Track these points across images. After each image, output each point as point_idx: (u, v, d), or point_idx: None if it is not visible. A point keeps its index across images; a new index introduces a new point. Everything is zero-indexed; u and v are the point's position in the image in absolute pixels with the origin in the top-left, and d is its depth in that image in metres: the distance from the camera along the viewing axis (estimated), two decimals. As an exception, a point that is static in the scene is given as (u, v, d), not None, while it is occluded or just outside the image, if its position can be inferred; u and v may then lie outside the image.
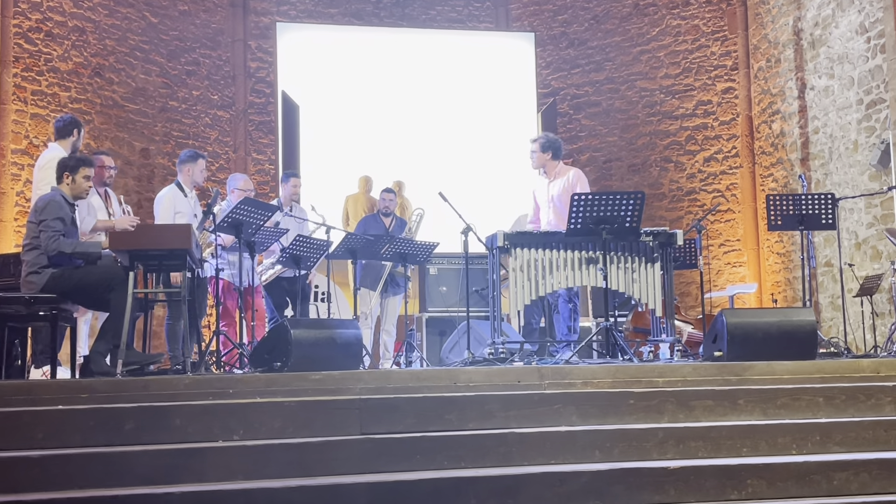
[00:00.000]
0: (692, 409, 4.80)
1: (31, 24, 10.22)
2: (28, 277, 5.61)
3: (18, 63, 10.05)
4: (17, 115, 9.97)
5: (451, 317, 8.95)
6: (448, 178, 11.24)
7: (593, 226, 6.31)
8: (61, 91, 10.46)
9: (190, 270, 5.87)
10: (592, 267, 6.54)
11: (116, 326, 5.44)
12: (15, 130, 9.93)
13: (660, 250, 6.67)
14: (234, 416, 4.44)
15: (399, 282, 8.54)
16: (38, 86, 10.25)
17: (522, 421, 4.65)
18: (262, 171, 12.57)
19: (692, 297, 11.60)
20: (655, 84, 12.50)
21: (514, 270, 6.57)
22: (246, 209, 6.46)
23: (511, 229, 7.01)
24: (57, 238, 5.55)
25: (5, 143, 9.77)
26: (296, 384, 4.97)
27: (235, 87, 12.56)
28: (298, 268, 7.38)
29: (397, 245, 7.74)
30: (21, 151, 9.92)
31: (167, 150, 11.64)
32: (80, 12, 10.78)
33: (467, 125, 12.29)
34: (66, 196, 5.79)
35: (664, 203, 12.30)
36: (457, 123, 12.30)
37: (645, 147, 12.54)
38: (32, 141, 10.04)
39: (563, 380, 5.20)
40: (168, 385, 4.90)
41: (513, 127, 12.34)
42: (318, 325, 6.10)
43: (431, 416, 4.59)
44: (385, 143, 11.97)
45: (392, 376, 5.24)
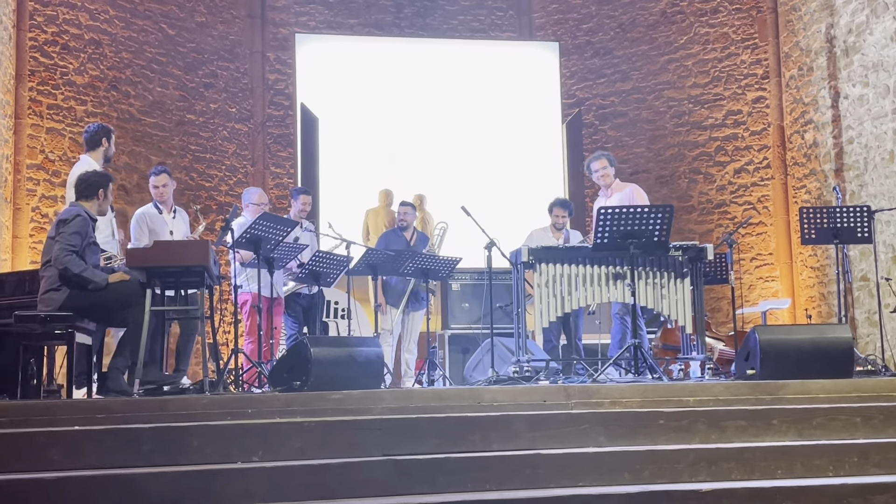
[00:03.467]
0: (724, 430, 4.77)
1: (47, 38, 10.33)
2: (47, 294, 5.66)
3: (34, 77, 10.16)
4: (33, 130, 10.07)
5: (474, 334, 8.96)
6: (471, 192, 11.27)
7: (620, 240, 6.30)
8: (77, 105, 10.57)
9: (208, 288, 5.90)
10: (620, 282, 6.53)
11: (133, 344, 5.47)
12: (30, 145, 10.02)
13: (689, 265, 6.65)
14: (252, 436, 4.45)
15: (421, 297, 8.55)
16: (54, 100, 10.36)
17: (549, 442, 4.63)
18: (281, 184, 12.62)
19: (723, 313, 11.53)
20: (683, 94, 12.46)
21: (539, 286, 6.56)
22: (265, 224, 6.49)
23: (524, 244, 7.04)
24: (69, 254, 5.59)
25: (21, 158, 9.87)
26: (316, 404, 4.99)
27: (253, 100, 12.64)
28: (318, 284, 7.40)
29: (419, 260, 7.76)
30: (36, 166, 10.02)
31: (184, 164, 11.72)
32: (97, 25, 10.90)
33: (490, 137, 12.30)
34: (91, 213, 5.85)
35: (693, 216, 12.24)
36: (479, 135, 12.31)
37: (673, 158, 12.49)
38: (48, 156, 10.14)
39: (591, 399, 5.19)
40: (185, 405, 4.93)
41: (537, 139, 12.35)
42: (338, 342, 6.11)
43: (455, 437, 4.59)
44: (406, 156, 12.01)
45: (414, 396, 5.24)
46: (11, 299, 6.40)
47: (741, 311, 10.37)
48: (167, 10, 11.75)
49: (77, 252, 5.64)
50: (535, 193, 11.87)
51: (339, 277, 7.75)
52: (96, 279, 5.64)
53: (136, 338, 5.47)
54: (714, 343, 8.46)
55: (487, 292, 7.24)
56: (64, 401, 5.35)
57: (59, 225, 5.71)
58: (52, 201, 10.03)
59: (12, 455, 4.24)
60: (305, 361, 5.59)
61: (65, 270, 5.58)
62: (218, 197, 12.06)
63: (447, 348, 9.24)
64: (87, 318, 5.70)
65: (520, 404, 5.13)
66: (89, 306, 5.63)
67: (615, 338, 7.29)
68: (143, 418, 4.70)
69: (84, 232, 5.68)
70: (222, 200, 12.07)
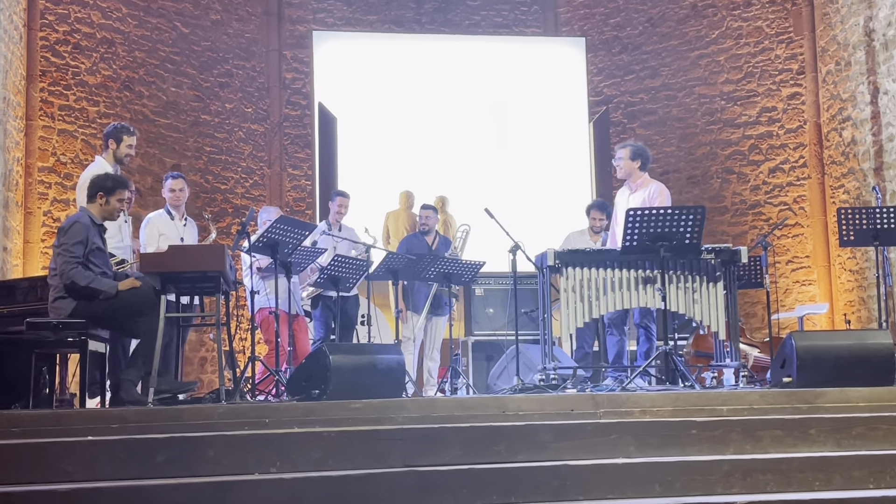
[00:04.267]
0: (759, 440, 4.75)
1: (59, 37, 10.42)
2: (55, 303, 5.69)
3: (45, 77, 10.24)
4: (44, 132, 10.15)
5: (498, 340, 8.95)
6: (494, 193, 11.27)
7: (650, 243, 6.28)
8: (89, 106, 10.64)
9: (224, 294, 5.93)
10: (650, 287, 6.50)
11: (147, 353, 5.51)
12: (42, 147, 10.09)
13: (722, 268, 6.62)
14: (270, 447, 4.47)
15: (444, 303, 8.56)
16: (66, 100, 10.44)
17: (576, 452, 4.63)
18: (299, 187, 12.67)
19: (758, 319, 11.47)
20: (716, 90, 12.41)
21: (566, 291, 6.55)
22: (282, 228, 6.52)
23: (562, 248, 7.00)
24: (74, 266, 5.62)
25: (32, 161, 9.95)
26: (335, 413, 5.00)
27: (270, 100, 12.70)
28: (337, 289, 7.43)
29: (441, 265, 7.77)
30: (48, 169, 10.10)
31: (199, 167, 11.79)
32: (109, 23, 10.98)
33: (514, 136, 12.30)
34: (95, 217, 5.87)
35: (726, 217, 12.19)
36: (503, 135, 12.31)
37: (705, 157, 12.44)
38: (60, 158, 10.21)
39: (620, 408, 5.18)
40: (201, 414, 4.95)
41: (563, 138, 12.33)
42: (357, 350, 6.13)
43: (479, 447, 4.59)
44: (427, 157, 12.02)
45: (437, 405, 5.24)
46: (23, 306, 6.44)
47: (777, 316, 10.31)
48: (181, 7, 11.83)
49: (81, 262, 5.66)
50: (561, 194, 11.87)
51: (358, 282, 7.77)
52: (105, 288, 5.66)
53: (150, 346, 5.49)
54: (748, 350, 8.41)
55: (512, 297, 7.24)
56: (77, 410, 5.39)
57: (59, 234, 5.73)
58: (63, 205, 10.10)
59: (24, 467, 4.28)
60: (324, 369, 5.60)
61: (72, 284, 5.61)
62: (234, 200, 12.12)
63: (470, 356, 9.23)
64: (100, 326, 5.74)
65: (546, 413, 5.12)
66: (100, 315, 5.66)
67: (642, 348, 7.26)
68: (158, 428, 4.73)
69: (85, 238, 5.69)
70: (238, 203, 12.13)
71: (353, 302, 8.52)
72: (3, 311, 6.42)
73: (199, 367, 11.25)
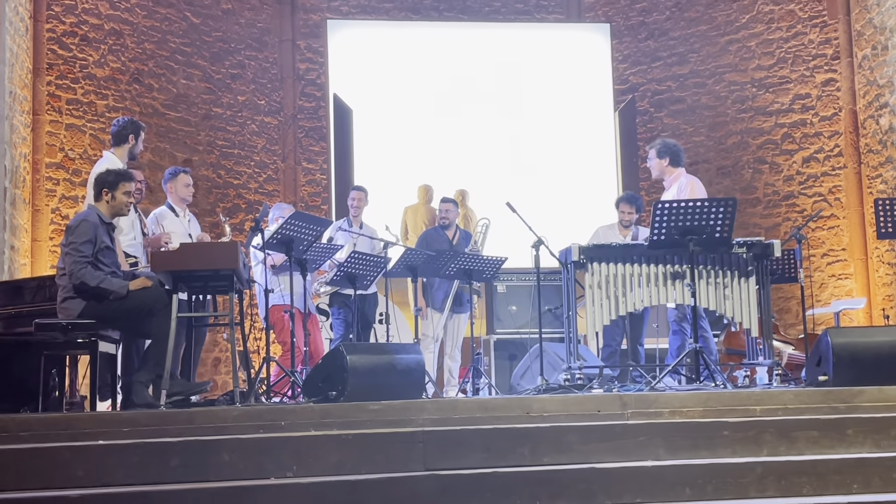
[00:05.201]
0: (794, 441, 4.74)
1: (66, 29, 10.48)
2: (64, 303, 5.73)
3: (52, 70, 10.30)
4: (52, 126, 10.21)
5: (521, 339, 8.95)
6: (516, 186, 11.27)
7: (679, 237, 6.27)
8: (98, 99, 10.70)
9: (237, 292, 5.95)
10: (679, 282, 6.49)
11: (159, 354, 5.54)
12: (49, 143, 10.16)
13: (755, 263, 6.60)
14: (286, 450, 4.49)
15: (465, 300, 8.56)
16: (74, 94, 10.50)
17: (603, 455, 4.63)
18: (314, 181, 12.70)
19: (792, 314, 11.41)
20: (746, 77, 12.36)
21: (591, 287, 6.55)
22: (297, 224, 6.54)
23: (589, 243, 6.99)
24: (83, 266, 5.65)
25: (39, 157, 10.01)
26: (353, 415, 5.01)
27: (283, 91, 12.73)
28: (354, 287, 7.45)
29: (462, 261, 7.77)
30: (56, 165, 10.16)
31: (211, 161, 11.84)
32: (117, 14, 11.04)
33: (537, 127, 12.28)
34: (103, 215, 5.90)
35: (759, 209, 12.14)
36: (525, 125, 12.30)
37: (736, 147, 12.39)
38: (68, 154, 10.27)
39: (649, 409, 5.18)
40: (215, 417, 4.98)
41: (587, 128, 12.31)
42: (376, 350, 6.14)
43: (502, 450, 4.60)
44: (446, 149, 12.02)
45: (458, 406, 5.25)
46: (31, 306, 6.49)
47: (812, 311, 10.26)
48: (191, -4, 11.89)
49: (90, 262, 5.69)
50: (585, 187, 11.85)
51: (376, 279, 7.79)
52: (115, 288, 5.69)
53: (162, 347, 5.53)
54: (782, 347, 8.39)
55: (535, 294, 7.23)
56: (88, 414, 5.42)
57: (67, 233, 5.77)
58: (72, 202, 10.17)
59: (34, 472, 4.31)
60: (341, 370, 5.62)
61: (81, 285, 5.65)
62: (247, 195, 12.16)
63: (493, 354, 9.23)
64: (110, 327, 5.77)
65: (572, 414, 5.12)
66: (110, 315, 5.70)
67: (673, 346, 7.24)
68: (171, 432, 4.76)
69: (93, 237, 5.72)
70: (251, 199, 12.17)
71: (371, 300, 8.54)
72: (10, 312, 6.47)
73: (213, 367, 11.31)
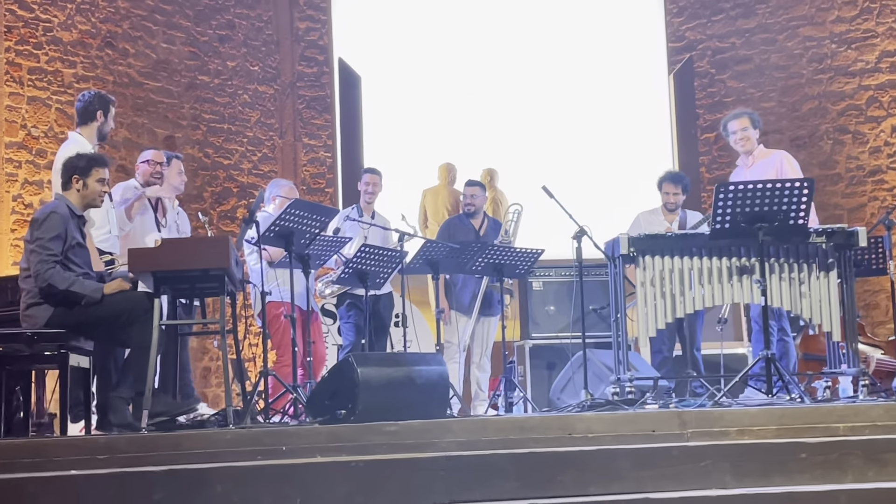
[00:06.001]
0: (885, 465, 4.72)
1: (27, -14, 10.50)
2: (28, 311, 5.75)
3: (12, 34, 10.32)
4: (12, 100, 10.25)
5: (562, 345, 8.92)
6: (553, 165, 11.26)
7: (746, 224, 6.24)
8: (65, 67, 10.72)
9: (230, 294, 5.97)
10: (746, 278, 6.46)
11: (140, 368, 5.55)
12: (9, 119, 10.19)
13: (836, 254, 6.57)
14: (288, 480, 4.50)
15: (495, 301, 8.54)
16: (37, 62, 10.52)
17: (660, 482, 4.62)
18: (317, 160, 12.71)
19: (881, 311, 11.36)
20: (825, 31, 12.29)
21: (644, 285, 6.53)
22: (297, 214, 6.54)
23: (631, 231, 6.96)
24: (51, 266, 5.65)
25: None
26: (365, 438, 5.03)
27: (280, 55, 12.74)
28: (365, 286, 7.45)
29: (490, 254, 7.75)
30: (18, 145, 10.19)
31: (197, 138, 11.87)
32: (86, -32, 11.06)
33: (576, 95, 12.26)
34: (73, 206, 5.92)
35: (839, 187, 12.08)
36: (562, 94, 12.27)
37: (812, 114, 12.34)
38: (31, 131, 10.30)
39: (712, 428, 5.18)
40: (205, 441, 5.00)
41: (637, 95, 12.30)
42: (391, 360, 6.15)
43: (540, 479, 4.59)
44: (471, 122, 12.02)
45: (488, 426, 5.26)
46: (-10, 312, 6.55)
47: (904, 308, 10.20)
48: (171, -54, 11.90)
49: (59, 261, 5.71)
50: (635, 164, 11.81)
51: (390, 277, 7.79)
52: (87, 292, 5.70)
53: (143, 360, 5.54)
54: (869, 351, 8.34)
55: (578, 292, 7.21)
56: (57, 438, 5.46)
57: (33, 227, 5.77)
58: (37, 188, 10.21)
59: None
60: (352, 385, 5.63)
61: (49, 288, 5.66)
62: (239, 177, 12.19)
63: (528, 363, 9.20)
64: (82, 336, 5.79)
65: (622, 435, 5.13)
66: (83, 323, 5.71)
67: (755, 347, 7.21)
68: (155, 459, 4.77)
69: (63, 232, 5.73)
70: (244, 182, 12.20)
71: (386, 301, 8.52)
72: (-35, 320, 6.51)
73: (203, 378, 11.36)
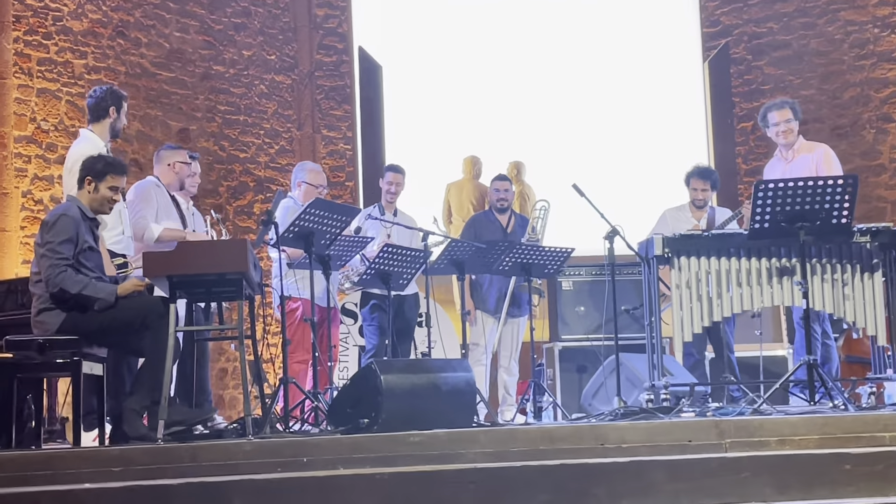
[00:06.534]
0: (934, 477, 4.70)
1: (35, -27, 10.54)
2: (39, 316, 5.77)
3: (20, 24, 10.34)
4: (21, 92, 10.26)
5: (592, 347, 8.90)
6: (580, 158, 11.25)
7: (786, 224, 6.21)
8: (75, 58, 10.75)
9: (248, 299, 5.98)
10: (787, 280, 6.45)
11: (155, 376, 5.57)
12: (18, 112, 10.20)
13: (881, 254, 6.56)
14: (309, 493, 4.53)
15: (523, 301, 8.54)
16: (46, 52, 10.55)
17: (696, 496, 4.62)
18: (336, 152, 12.71)
19: (927, 310, 11.31)
20: (867, 15, 12.23)
21: (679, 287, 6.52)
22: (317, 214, 6.55)
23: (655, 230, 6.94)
24: (62, 269, 5.66)
25: (6, 129, 10.05)
26: (389, 449, 5.05)
27: (298, 44, 12.74)
28: (388, 287, 7.46)
29: (518, 253, 7.74)
30: (27, 139, 10.22)
31: (212, 130, 11.89)
32: (96, -46, 11.10)
33: (605, 85, 12.23)
34: (85, 208, 5.94)
35: (883, 179, 12.03)
36: (591, 83, 12.24)
37: (854, 102, 12.28)
38: (41, 125, 10.33)
39: (752, 437, 5.18)
40: (224, 453, 5.02)
41: (669, 83, 12.25)
42: (415, 367, 6.16)
43: (572, 491, 4.59)
44: (496, 113, 12.00)
45: (517, 436, 5.27)
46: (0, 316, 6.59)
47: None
48: (184, -69, 11.92)
49: (71, 265, 5.72)
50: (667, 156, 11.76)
51: (414, 277, 7.79)
52: (102, 295, 5.71)
53: (158, 367, 5.55)
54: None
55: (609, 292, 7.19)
56: (70, 450, 5.48)
57: (43, 230, 5.77)
58: (46, 183, 10.24)
59: (7, 522, 4.38)
60: (374, 392, 5.63)
61: (60, 293, 5.68)
62: (256, 171, 12.21)
63: (557, 366, 9.19)
64: (95, 343, 5.81)
65: (657, 446, 5.13)
66: (96, 329, 5.73)
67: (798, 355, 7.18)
68: (171, 471, 4.80)
69: (74, 236, 5.74)
70: (261, 175, 12.22)
71: (411, 302, 8.49)
72: (-28, 325, 6.54)
73: (219, 380, 11.38)
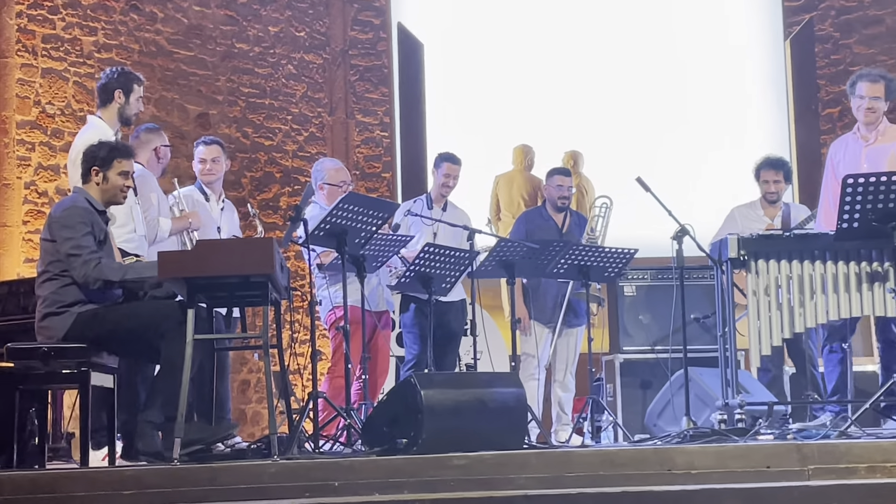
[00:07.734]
0: None
1: (39, -59, 10.59)
2: (44, 321, 5.79)
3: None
4: (24, 73, 10.32)
5: (657, 360, 8.86)
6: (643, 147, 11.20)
7: (878, 223, 6.16)
8: (84, 35, 10.79)
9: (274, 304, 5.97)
10: (878, 286, 6.39)
11: (171, 388, 5.57)
12: (21, 94, 10.25)
13: (984, 257, 6.47)
14: (341, 522, 4.54)
15: (580, 309, 8.49)
16: (52, 28, 10.59)
17: (776, 529, 4.60)
18: (372, 140, 12.71)
19: None
20: (969, -13, 12.14)
21: (756, 294, 6.48)
22: (351, 210, 6.54)
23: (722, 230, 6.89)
24: (97, 262, 5.69)
25: (8, 113, 10.10)
26: (430, 473, 5.04)
27: (330, 20, 12.76)
28: (429, 291, 7.44)
29: (575, 254, 7.71)
30: (31, 124, 10.26)
31: (234, 116, 11.92)
32: (108, -80, 11.14)
33: (673, 67, 12.18)
34: (95, 202, 5.96)
35: None
36: (656, 63, 12.20)
37: (955, 86, 12.18)
38: (46, 108, 10.37)
39: (838, 464, 5.14)
40: (247, 475, 5.02)
41: (747, 64, 12.19)
42: (459, 381, 6.14)
43: (636, 524, 4.59)
44: (549, 98, 11.97)
45: (573, 460, 5.25)
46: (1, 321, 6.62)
47: None
48: None
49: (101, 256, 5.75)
50: (744, 145, 11.68)
51: (457, 281, 7.77)
52: (147, 273, 5.73)
53: (174, 379, 5.55)
54: None
55: (678, 298, 7.15)
56: (77, 470, 5.50)
57: (53, 227, 5.78)
58: (52, 173, 10.29)
59: (9, 551, 4.40)
60: (414, 410, 5.63)
61: (104, 286, 5.72)
62: (282, 161, 12.23)
63: (618, 381, 9.15)
64: (106, 351, 5.83)
65: (731, 472, 5.10)
66: (105, 337, 5.75)
67: None
68: (188, 495, 4.81)
69: (90, 224, 5.78)
70: (288, 165, 12.24)
71: (457, 310, 8.47)
72: (-31, 331, 6.58)
73: (241, 393, 11.41)
